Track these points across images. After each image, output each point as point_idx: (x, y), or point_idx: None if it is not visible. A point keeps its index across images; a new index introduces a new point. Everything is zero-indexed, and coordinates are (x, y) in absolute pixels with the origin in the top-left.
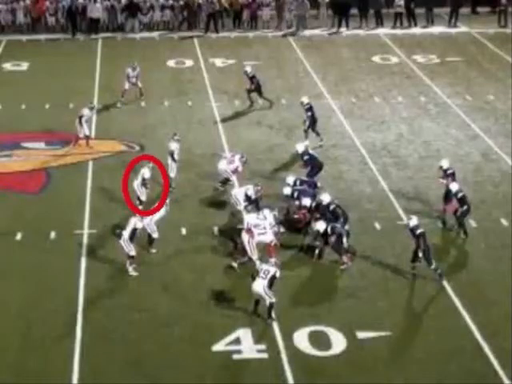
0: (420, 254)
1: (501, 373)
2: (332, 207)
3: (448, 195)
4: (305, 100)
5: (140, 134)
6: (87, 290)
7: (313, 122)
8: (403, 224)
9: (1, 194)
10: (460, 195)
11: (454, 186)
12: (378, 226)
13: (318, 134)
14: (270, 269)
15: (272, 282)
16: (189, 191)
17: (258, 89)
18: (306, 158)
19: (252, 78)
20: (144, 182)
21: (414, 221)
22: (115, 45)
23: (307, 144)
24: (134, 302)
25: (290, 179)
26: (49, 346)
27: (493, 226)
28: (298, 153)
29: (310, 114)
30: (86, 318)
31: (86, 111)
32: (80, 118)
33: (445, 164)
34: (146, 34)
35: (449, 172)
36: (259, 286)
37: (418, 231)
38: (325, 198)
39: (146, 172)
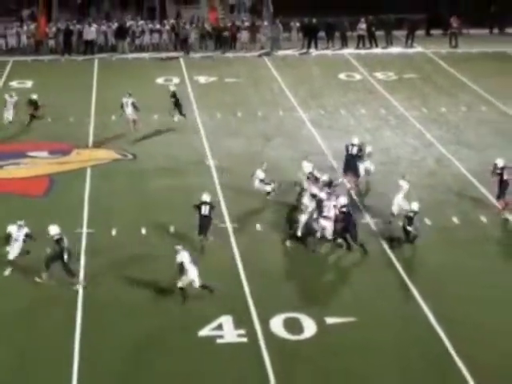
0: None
1: (456, 358)
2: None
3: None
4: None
5: (132, 143)
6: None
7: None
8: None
9: (8, 197)
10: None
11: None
12: None
13: None
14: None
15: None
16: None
17: (178, 106)
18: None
19: (173, 97)
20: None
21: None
22: (110, 64)
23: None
24: (127, 293)
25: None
26: (51, 331)
27: (446, 223)
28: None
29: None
30: (86, 305)
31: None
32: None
33: (500, 162)
34: (137, 55)
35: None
36: None
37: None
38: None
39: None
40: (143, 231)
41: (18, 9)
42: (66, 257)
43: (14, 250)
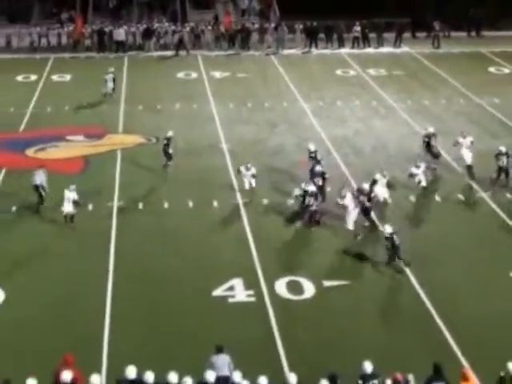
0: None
1: (438, 321)
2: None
3: None
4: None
5: (156, 129)
6: (117, 249)
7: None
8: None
9: (50, 175)
10: None
11: None
12: (339, 200)
13: None
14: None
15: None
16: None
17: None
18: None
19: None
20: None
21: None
22: (137, 61)
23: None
24: (151, 260)
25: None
26: (86, 292)
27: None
28: (309, 150)
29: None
30: (116, 270)
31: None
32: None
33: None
34: (161, 53)
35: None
36: None
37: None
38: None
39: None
40: (165, 205)
41: (59, 12)
42: None
43: (67, 208)
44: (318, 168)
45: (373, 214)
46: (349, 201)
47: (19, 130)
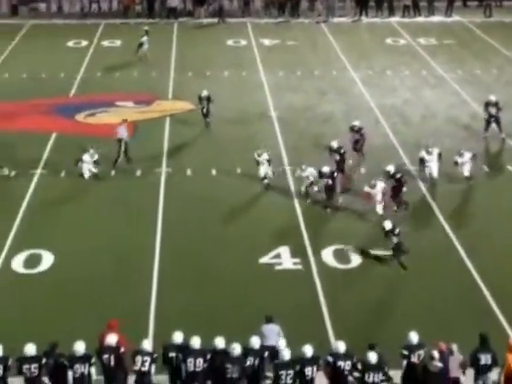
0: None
1: (485, 291)
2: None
3: None
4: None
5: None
6: (164, 215)
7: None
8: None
9: (98, 140)
10: None
11: None
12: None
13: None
14: None
15: None
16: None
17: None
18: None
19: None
20: None
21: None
22: (187, 28)
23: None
24: (198, 227)
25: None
26: (134, 257)
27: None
28: (333, 148)
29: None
30: (163, 236)
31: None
32: None
33: None
34: (211, 20)
35: None
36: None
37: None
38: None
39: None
40: (213, 172)
41: None
42: None
43: (85, 170)
44: (325, 168)
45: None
46: (378, 191)
47: (69, 95)
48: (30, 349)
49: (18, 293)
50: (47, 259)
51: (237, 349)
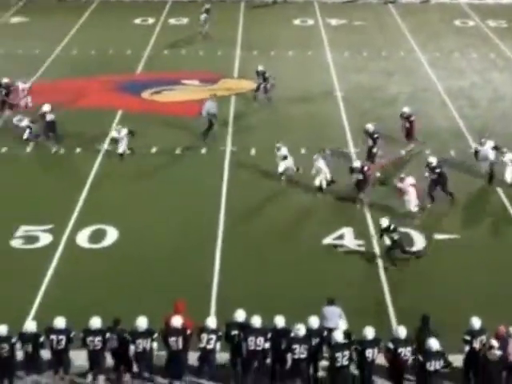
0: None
1: None
2: None
3: None
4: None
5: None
6: (228, 193)
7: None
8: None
9: (165, 118)
10: None
11: None
12: (452, 153)
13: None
14: None
15: None
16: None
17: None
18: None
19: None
20: None
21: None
22: (253, 6)
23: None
24: (262, 207)
25: None
26: (198, 236)
27: None
28: (368, 131)
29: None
30: (227, 215)
31: None
32: None
33: None
34: None
35: None
36: None
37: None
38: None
39: None
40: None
41: None
42: None
43: (121, 147)
44: (356, 163)
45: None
46: (407, 185)
47: (136, 72)
48: (95, 322)
49: (82, 267)
50: (111, 234)
51: (302, 329)
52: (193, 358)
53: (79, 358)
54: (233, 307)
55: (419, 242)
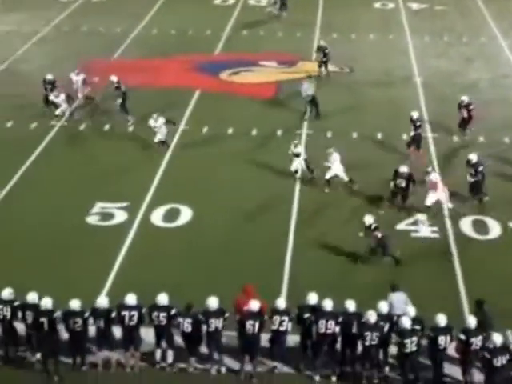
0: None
1: None
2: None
3: None
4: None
5: (350, 59)
6: (302, 176)
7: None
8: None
9: (242, 99)
10: None
11: None
12: None
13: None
14: None
15: None
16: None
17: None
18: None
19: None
20: None
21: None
22: None
23: None
24: (337, 190)
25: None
26: (269, 218)
27: None
28: (412, 118)
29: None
30: (301, 198)
31: None
32: None
33: None
34: None
35: None
36: None
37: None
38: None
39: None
40: (354, 135)
41: None
42: None
43: (160, 135)
44: (403, 168)
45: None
46: (433, 180)
47: (215, 53)
48: (162, 298)
49: (155, 246)
50: (185, 214)
51: (373, 316)
52: (264, 339)
53: (149, 336)
54: (304, 289)
55: (495, 229)
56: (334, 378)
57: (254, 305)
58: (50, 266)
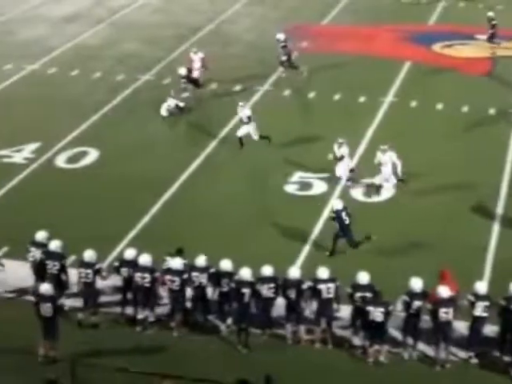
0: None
1: None
2: None
3: None
4: None
5: None
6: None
7: None
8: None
9: (452, 72)
10: None
11: None
12: None
13: None
14: None
15: None
16: None
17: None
18: None
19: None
20: None
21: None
22: None
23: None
24: None
25: None
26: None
27: None
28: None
29: None
30: None
31: None
32: None
33: None
34: None
35: None
36: None
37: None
38: None
39: None
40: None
41: None
42: None
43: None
44: None
45: None
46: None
47: (429, 23)
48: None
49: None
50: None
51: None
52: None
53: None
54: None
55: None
56: None
57: (445, 291)
58: (245, 236)
